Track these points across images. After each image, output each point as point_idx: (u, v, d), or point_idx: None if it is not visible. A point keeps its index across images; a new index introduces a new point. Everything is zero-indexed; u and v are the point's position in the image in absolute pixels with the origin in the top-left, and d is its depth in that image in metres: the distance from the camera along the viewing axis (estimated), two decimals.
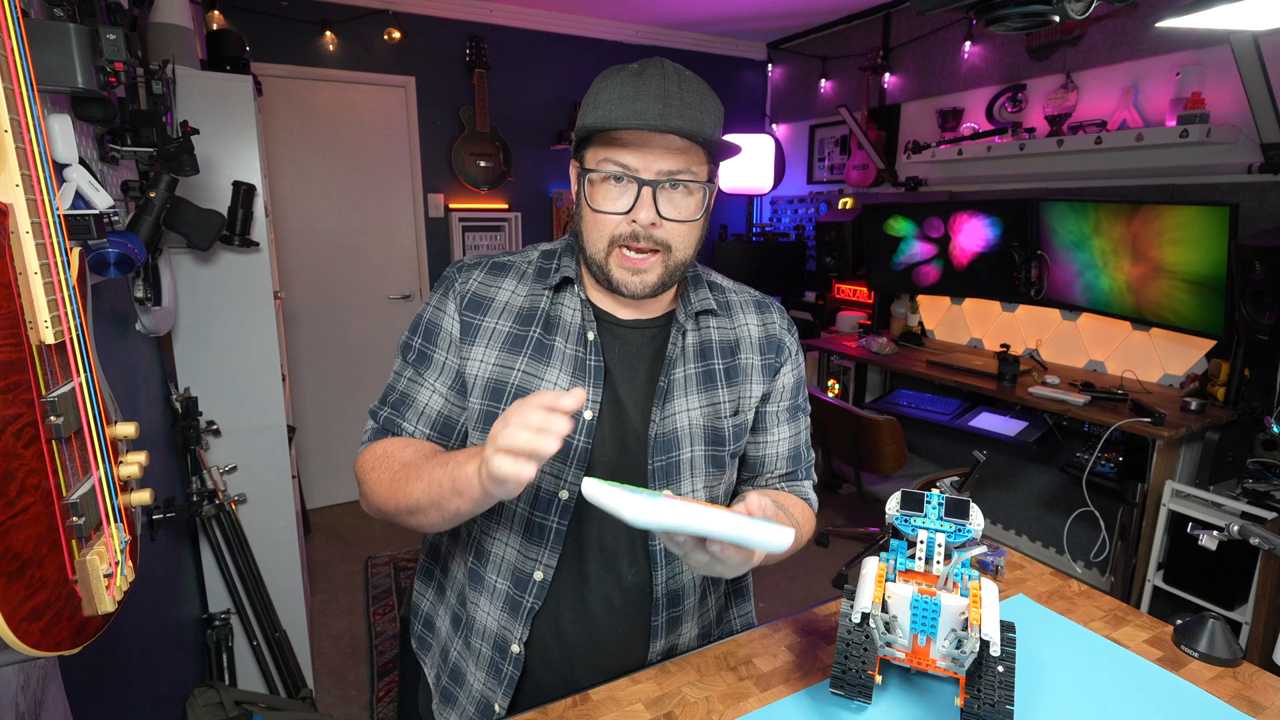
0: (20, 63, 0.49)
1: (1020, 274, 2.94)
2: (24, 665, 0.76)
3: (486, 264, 0.95)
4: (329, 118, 3.43)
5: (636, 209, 0.82)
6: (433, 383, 0.92)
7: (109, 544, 0.57)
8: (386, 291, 3.71)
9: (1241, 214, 2.30)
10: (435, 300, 0.94)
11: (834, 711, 0.79)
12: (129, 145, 1.37)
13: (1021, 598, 1.02)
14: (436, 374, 0.92)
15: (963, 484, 2.71)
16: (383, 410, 0.94)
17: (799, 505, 1.01)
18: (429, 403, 0.92)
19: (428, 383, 0.92)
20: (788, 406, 1.02)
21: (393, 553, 3.13)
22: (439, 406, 0.92)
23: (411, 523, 0.84)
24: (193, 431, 1.80)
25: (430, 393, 0.92)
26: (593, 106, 0.84)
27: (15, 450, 0.47)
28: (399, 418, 0.93)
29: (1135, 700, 0.80)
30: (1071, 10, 0.76)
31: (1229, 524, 1.15)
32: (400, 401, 0.93)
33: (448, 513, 0.78)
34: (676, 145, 0.82)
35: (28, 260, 0.50)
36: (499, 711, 0.91)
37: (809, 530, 1.01)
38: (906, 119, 3.69)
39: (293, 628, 2.08)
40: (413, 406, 0.92)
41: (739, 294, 1.02)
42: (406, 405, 0.93)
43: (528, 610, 0.89)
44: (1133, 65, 2.69)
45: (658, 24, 4.04)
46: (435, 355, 0.92)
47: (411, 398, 0.93)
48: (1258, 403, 2.32)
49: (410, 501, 0.82)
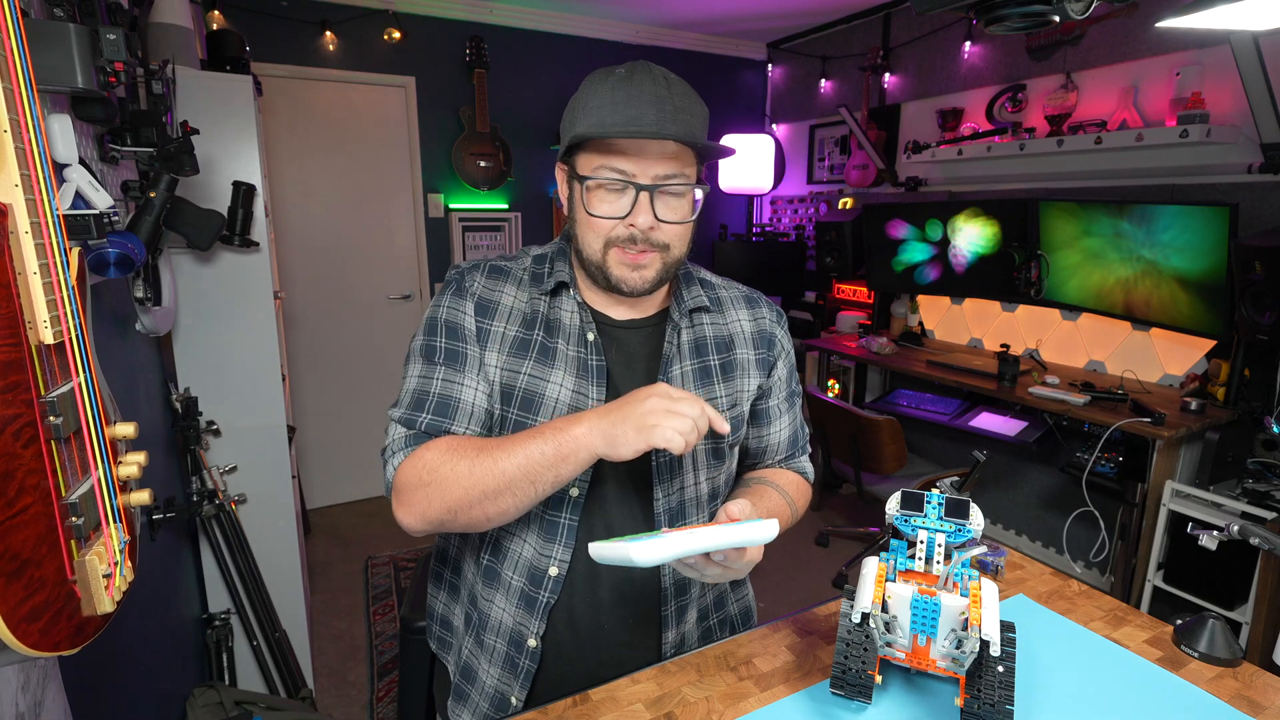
0: (20, 63, 0.49)
1: (1020, 274, 2.94)
2: (24, 665, 0.76)
3: (485, 267, 0.96)
4: (329, 118, 3.43)
5: (635, 213, 0.84)
6: (473, 380, 0.89)
7: (108, 544, 0.57)
8: (386, 292, 3.71)
9: (1241, 214, 2.30)
10: (448, 301, 0.92)
11: (834, 711, 0.79)
12: (129, 145, 1.37)
13: (1021, 598, 1.02)
14: (474, 370, 0.90)
15: (963, 484, 2.71)
16: (422, 416, 0.87)
17: (794, 480, 1.07)
18: (475, 400, 0.89)
19: (468, 380, 0.89)
20: (785, 396, 1.06)
21: (393, 553, 3.13)
22: (483, 403, 0.89)
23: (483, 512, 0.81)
24: (193, 431, 1.80)
25: (473, 390, 0.89)
26: (584, 112, 0.84)
27: (14, 450, 0.47)
28: (445, 421, 0.87)
29: (1135, 700, 0.80)
30: (1071, 10, 0.76)
31: (1229, 524, 1.15)
32: (443, 405, 0.88)
33: (544, 484, 0.79)
34: (670, 150, 0.83)
35: (27, 260, 0.50)
36: (515, 704, 0.93)
37: (804, 503, 1.08)
38: (906, 119, 3.69)
39: (293, 628, 2.08)
40: (459, 408, 0.88)
41: (728, 290, 1.04)
42: (451, 407, 0.88)
43: (544, 605, 0.91)
44: (1133, 65, 2.69)
45: (658, 24, 4.04)
46: (467, 351, 0.90)
47: (454, 398, 0.88)
48: (1258, 403, 2.32)
49: (502, 479, 0.78)
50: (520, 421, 0.89)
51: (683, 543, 0.69)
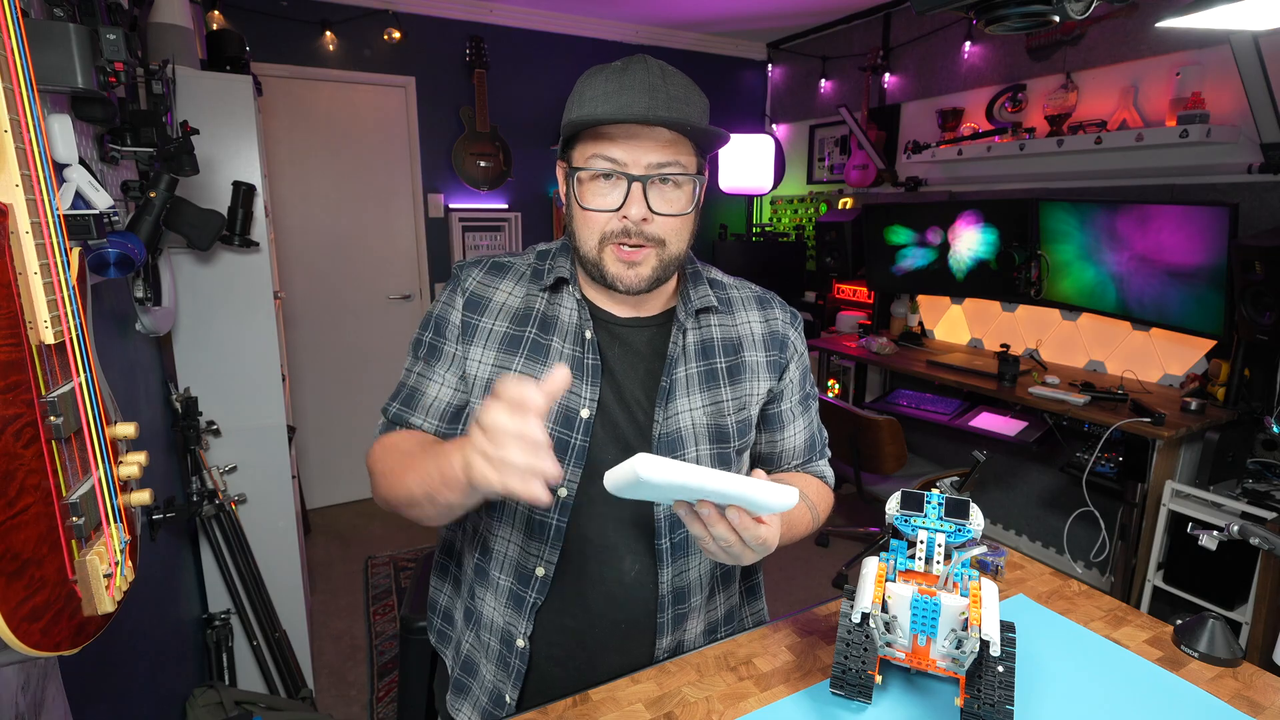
0: (20, 63, 0.49)
1: (1020, 274, 2.94)
2: (24, 665, 0.76)
3: (487, 263, 0.96)
4: (329, 118, 3.43)
5: (627, 205, 0.82)
6: (442, 375, 0.93)
7: (109, 544, 0.57)
8: (386, 291, 3.71)
9: (1241, 214, 2.30)
10: (445, 297, 0.95)
11: (834, 711, 0.79)
12: (129, 145, 1.37)
13: (1021, 598, 1.02)
14: (446, 366, 0.93)
15: (963, 484, 2.71)
16: (392, 405, 0.95)
17: (814, 484, 1.04)
18: (437, 395, 0.93)
19: (437, 376, 0.93)
20: (799, 400, 1.03)
21: (393, 553, 3.13)
22: (448, 397, 0.93)
23: (412, 515, 0.84)
24: (193, 431, 1.80)
25: (439, 385, 0.93)
26: (578, 104, 0.84)
27: (15, 450, 0.47)
28: (408, 412, 0.94)
29: (1135, 700, 0.80)
30: (1071, 10, 0.76)
31: (1229, 524, 1.15)
32: (410, 397, 0.94)
33: (440, 506, 0.76)
34: (664, 138, 0.82)
35: (27, 260, 0.50)
36: (509, 702, 0.92)
37: (826, 507, 1.04)
38: (906, 119, 3.69)
39: (293, 628, 2.08)
40: (421, 401, 0.93)
41: (740, 290, 1.02)
42: (415, 400, 0.94)
43: (531, 605, 0.90)
44: (1133, 65, 2.69)
45: (658, 24, 4.04)
46: (445, 348, 0.93)
47: (421, 392, 0.93)
48: (1258, 403, 2.32)
49: (406, 494, 0.81)
50: None
51: (693, 473, 0.63)
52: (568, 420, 0.88)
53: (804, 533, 0.96)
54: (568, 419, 0.88)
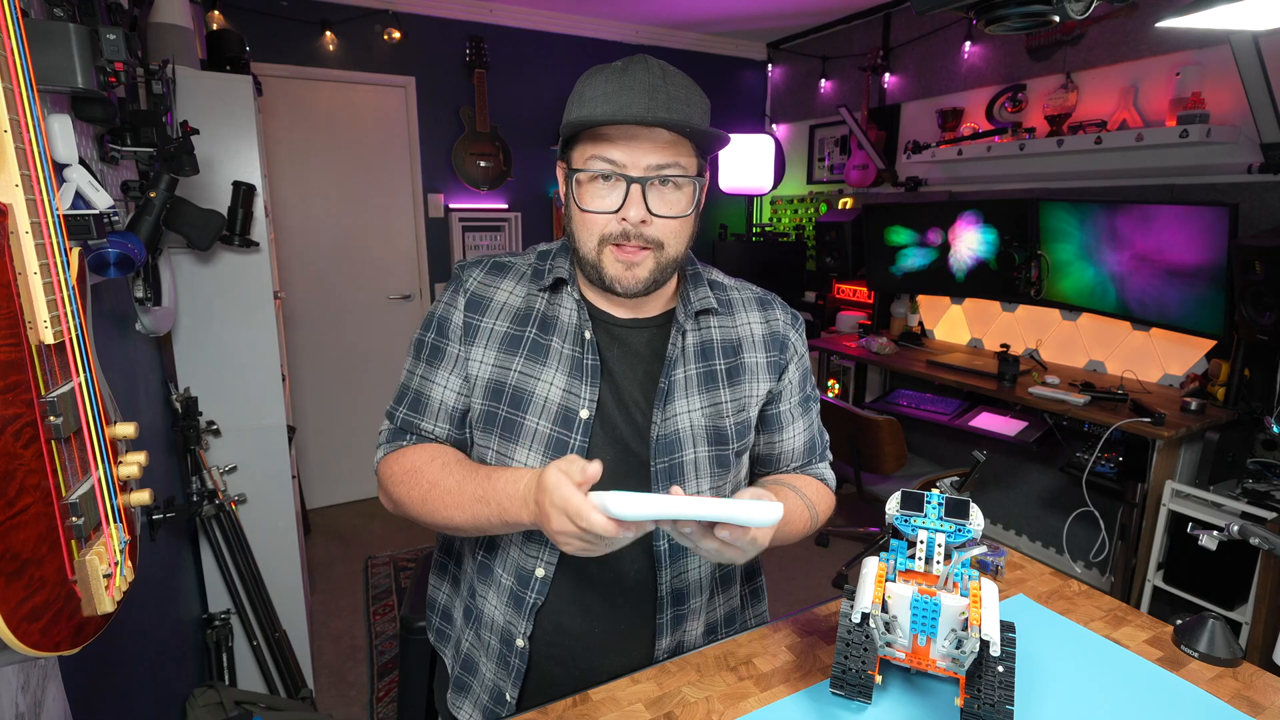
0: (20, 63, 0.49)
1: (1020, 274, 2.94)
2: (24, 665, 0.76)
3: (488, 263, 0.96)
4: (329, 118, 3.43)
5: (626, 207, 0.82)
6: (446, 377, 0.93)
7: (108, 544, 0.57)
8: (386, 291, 3.71)
9: (1241, 214, 2.30)
10: (446, 297, 0.95)
11: (834, 711, 0.79)
12: (129, 145, 1.37)
13: (1021, 598, 1.02)
14: (450, 368, 0.93)
15: (963, 484, 2.71)
16: (399, 410, 0.95)
17: (813, 485, 1.03)
18: (443, 399, 0.93)
19: (440, 378, 0.93)
20: (799, 401, 1.02)
21: (393, 553, 3.13)
22: (452, 401, 0.93)
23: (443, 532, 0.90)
24: (193, 431, 1.80)
25: (443, 389, 0.93)
26: (578, 104, 0.84)
27: (14, 450, 0.47)
28: (417, 418, 0.94)
29: (1135, 700, 0.80)
30: (1071, 10, 0.76)
31: (1229, 524, 1.15)
32: (416, 401, 0.94)
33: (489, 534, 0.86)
34: (664, 139, 0.81)
35: (27, 260, 0.50)
36: (510, 701, 0.93)
37: (826, 507, 1.04)
38: (906, 119, 3.69)
39: (293, 628, 2.08)
40: (429, 405, 0.93)
41: (740, 291, 1.01)
42: (423, 404, 0.94)
43: (530, 605, 0.90)
44: (1132, 65, 2.69)
45: (658, 24, 4.04)
46: (448, 349, 0.93)
47: (427, 395, 0.93)
48: (1258, 403, 2.32)
49: (448, 524, 0.86)
50: (510, 419, 0.89)
51: (664, 504, 0.64)
52: (566, 420, 0.87)
53: (802, 532, 0.96)
54: (566, 419, 0.87)
